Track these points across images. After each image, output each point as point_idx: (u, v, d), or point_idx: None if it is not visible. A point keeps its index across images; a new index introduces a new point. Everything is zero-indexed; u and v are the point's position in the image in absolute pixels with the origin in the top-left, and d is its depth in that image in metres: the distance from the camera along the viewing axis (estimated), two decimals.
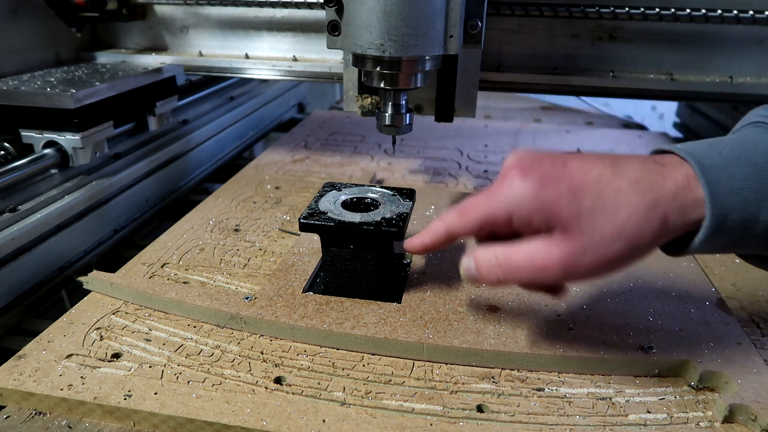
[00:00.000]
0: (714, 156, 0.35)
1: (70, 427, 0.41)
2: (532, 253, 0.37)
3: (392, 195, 0.57)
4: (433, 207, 0.74)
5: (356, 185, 0.59)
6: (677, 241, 0.37)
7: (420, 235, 0.44)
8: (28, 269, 0.60)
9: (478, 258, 0.39)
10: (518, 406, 0.42)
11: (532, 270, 0.37)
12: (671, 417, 0.42)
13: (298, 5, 0.79)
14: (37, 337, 0.48)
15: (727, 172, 0.35)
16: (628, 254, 0.35)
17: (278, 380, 0.45)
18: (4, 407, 0.43)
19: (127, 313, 0.53)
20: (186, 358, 0.47)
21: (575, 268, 0.35)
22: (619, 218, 0.35)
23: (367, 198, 0.57)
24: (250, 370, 0.46)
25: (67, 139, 0.67)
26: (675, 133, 1.23)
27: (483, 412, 0.42)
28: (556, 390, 0.44)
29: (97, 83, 0.69)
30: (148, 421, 0.41)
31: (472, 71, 0.70)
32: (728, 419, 0.41)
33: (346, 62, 0.70)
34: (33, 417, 0.42)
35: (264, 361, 0.47)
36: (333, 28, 0.56)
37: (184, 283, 0.56)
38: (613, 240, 0.35)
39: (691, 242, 0.36)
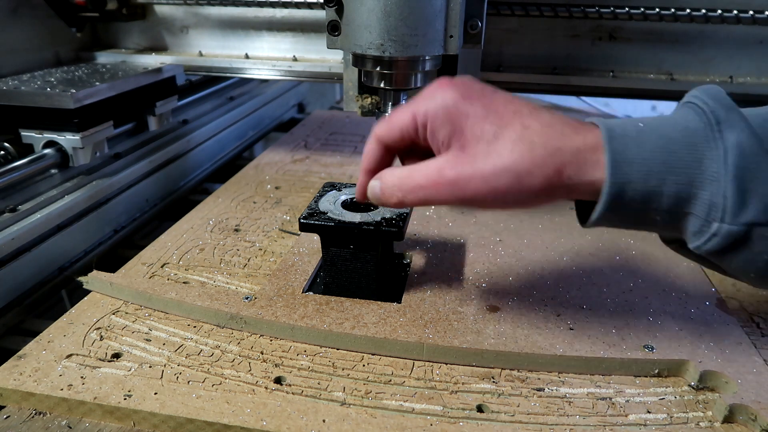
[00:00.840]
0: (629, 127, 0.35)
1: (70, 427, 0.41)
2: (427, 171, 0.38)
3: None
4: (433, 207, 0.74)
5: (356, 185, 0.59)
6: (586, 211, 0.37)
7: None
8: (28, 269, 0.60)
9: (383, 177, 0.40)
10: (518, 406, 0.42)
11: (425, 188, 0.37)
12: (671, 417, 0.42)
13: (298, 5, 0.79)
14: (37, 337, 0.48)
15: (636, 141, 0.34)
16: (515, 191, 0.35)
17: (278, 380, 0.45)
18: (4, 407, 0.43)
19: (127, 313, 0.53)
20: (186, 358, 0.47)
21: (463, 189, 0.36)
22: (516, 152, 0.35)
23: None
24: (250, 370, 0.46)
25: (67, 139, 0.67)
26: None
27: (483, 412, 0.42)
28: (556, 390, 0.44)
29: (97, 83, 0.69)
30: (148, 421, 0.41)
31: (472, 71, 0.70)
32: (728, 419, 0.41)
33: (346, 62, 0.70)
34: (33, 417, 0.42)
35: (264, 361, 0.47)
36: (333, 28, 0.56)
37: (184, 283, 0.56)
38: (503, 172, 0.35)
39: (594, 210, 0.35)
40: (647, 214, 0.35)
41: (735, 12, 0.69)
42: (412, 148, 0.42)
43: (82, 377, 0.44)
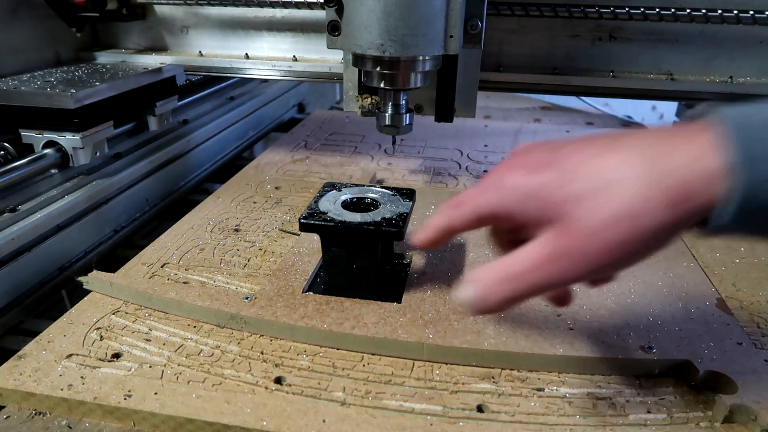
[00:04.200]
0: (752, 115, 0.28)
1: (70, 427, 0.41)
2: (534, 252, 0.32)
3: (392, 195, 0.57)
4: (433, 207, 0.74)
5: (356, 185, 0.59)
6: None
7: (424, 231, 0.38)
8: (28, 269, 0.60)
9: (480, 277, 0.33)
10: (518, 406, 0.42)
11: (540, 271, 0.32)
12: (671, 417, 0.42)
13: (298, 5, 0.79)
14: (37, 337, 0.48)
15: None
16: (639, 236, 0.29)
17: (278, 380, 0.45)
18: (4, 407, 0.43)
19: (127, 313, 0.53)
20: (186, 358, 0.47)
21: (584, 257, 0.30)
22: (620, 196, 0.29)
23: (367, 198, 0.57)
24: (250, 370, 0.46)
25: (67, 139, 0.67)
26: None
27: (483, 412, 0.42)
28: (556, 390, 0.44)
29: (97, 83, 0.69)
30: (148, 421, 0.41)
31: (472, 71, 0.70)
32: (728, 419, 0.41)
33: (346, 62, 0.70)
34: (33, 417, 0.42)
35: (264, 361, 0.47)
36: (333, 28, 0.56)
37: (184, 283, 0.56)
38: (618, 221, 0.29)
39: (719, 218, 0.28)
40: None
41: (735, 12, 0.69)
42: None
43: (82, 377, 0.44)
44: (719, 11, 0.69)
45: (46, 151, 0.67)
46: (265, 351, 0.48)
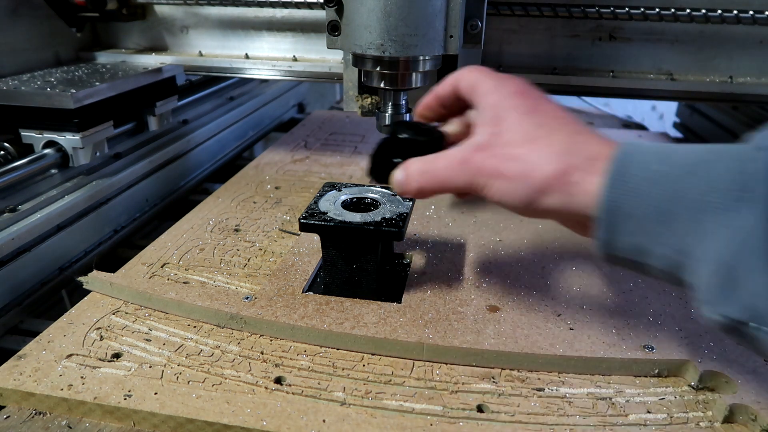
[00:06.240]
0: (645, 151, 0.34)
1: (70, 427, 0.41)
2: (450, 156, 0.40)
3: (392, 195, 0.57)
4: (433, 207, 0.74)
5: (356, 185, 0.59)
6: None
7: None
8: (28, 269, 0.60)
9: (407, 167, 0.43)
10: (518, 406, 0.42)
11: (448, 171, 0.40)
12: (671, 417, 0.42)
13: (298, 5, 0.79)
14: (37, 337, 0.48)
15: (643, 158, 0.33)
16: (526, 185, 0.36)
17: (278, 380, 0.45)
18: (4, 407, 0.43)
19: (127, 313, 0.53)
20: (186, 358, 0.47)
21: (477, 169, 0.38)
22: (532, 153, 0.37)
23: (367, 198, 0.57)
24: (250, 370, 0.46)
25: (67, 139, 0.67)
26: (675, 133, 1.23)
27: (483, 412, 0.42)
28: (556, 390, 0.44)
29: (97, 83, 0.69)
30: (148, 421, 0.41)
31: None
32: (728, 419, 0.41)
33: (346, 62, 0.69)
34: (33, 417, 0.42)
35: (264, 361, 0.47)
36: (333, 28, 0.56)
37: (184, 283, 0.56)
38: (516, 158, 0.37)
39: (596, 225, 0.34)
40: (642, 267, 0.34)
41: (735, 12, 0.69)
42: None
43: (82, 377, 0.44)
44: (719, 11, 0.69)
45: (46, 151, 0.67)
46: (265, 351, 0.48)
